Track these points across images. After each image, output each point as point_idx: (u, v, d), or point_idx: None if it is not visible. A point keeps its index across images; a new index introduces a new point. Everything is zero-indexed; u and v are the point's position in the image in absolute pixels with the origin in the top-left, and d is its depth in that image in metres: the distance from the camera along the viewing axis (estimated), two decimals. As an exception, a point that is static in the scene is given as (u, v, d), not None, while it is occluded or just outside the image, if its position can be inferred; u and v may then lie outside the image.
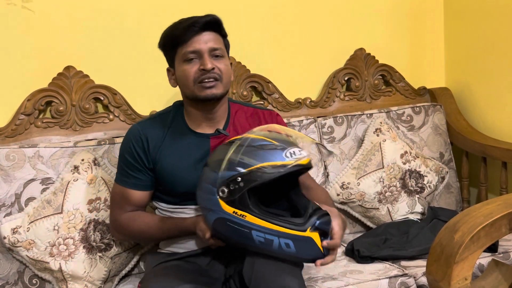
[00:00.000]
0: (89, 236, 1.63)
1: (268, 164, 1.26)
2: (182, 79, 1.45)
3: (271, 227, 1.26)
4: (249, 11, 2.07)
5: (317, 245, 1.28)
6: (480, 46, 2.15)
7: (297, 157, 1.28)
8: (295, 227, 1.26)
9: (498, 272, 1.26)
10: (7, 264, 1.64)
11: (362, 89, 2.18)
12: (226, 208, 1.28)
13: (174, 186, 1.48)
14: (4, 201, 1.64)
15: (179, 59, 1.44)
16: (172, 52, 1.46)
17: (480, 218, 1.11)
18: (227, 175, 1.28)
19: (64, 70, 1.82)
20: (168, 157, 1.48)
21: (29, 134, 1.77)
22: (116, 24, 1.89)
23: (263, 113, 1.59)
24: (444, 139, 2.17)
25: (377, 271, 1.62)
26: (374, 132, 2.03)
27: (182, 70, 1.44)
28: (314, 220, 1.28)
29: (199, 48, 1.42)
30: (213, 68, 1.42)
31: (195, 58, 1.42)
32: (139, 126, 1.52)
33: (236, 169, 1.28)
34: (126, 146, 1.51)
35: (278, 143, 1.30)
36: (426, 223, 1.91)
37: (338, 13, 2.17)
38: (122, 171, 1.52)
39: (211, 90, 1.43)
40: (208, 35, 1.44)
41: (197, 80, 1.42)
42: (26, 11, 1.79)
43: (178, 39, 1.43)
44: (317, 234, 1.28)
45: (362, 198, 1.95)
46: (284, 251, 1.27)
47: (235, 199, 1.27)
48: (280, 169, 1.26)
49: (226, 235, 1.33)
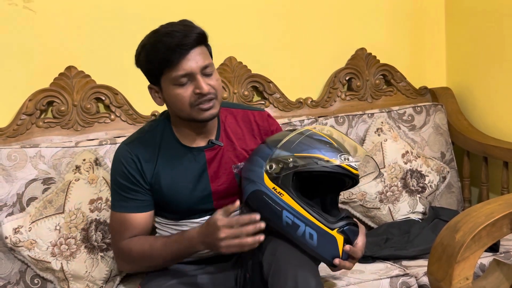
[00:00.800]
0: (90, 236, 1.63)
1: (321, 156, 1.31)
2: (176, 103, 1.35)
3: (303, 212, 1.30)
4: (250, 11, 2.07)
5: (339, 247, 1.31)
6: (482, 46, 2.15)
7: (349, 162, 1.32)
8: (325, 222, 1.30)
9: (499, 272, 1.26)
10: (9, 264, 1.64)
11: (363, 89, 2.18)
12: (268, 183, 1.32)
13: (175, 205, 1.43)
14: (6, 201, 1.64)
15: (168, 82, 1.34)
16: (157, 74, 1.35)
17: (481, 218, 1.11)
18: (281, 154, 1.33)
19: (66, 70, 1.82)
20: (165, 178, 1.41)
21: (30, 134, 1.77)
22: (118, 24, 1.89)
23: (253, 115, 1.52)
24: (445, 139, 2.17)
25: (378, 271, 1.62)
26: (375, 132, 2.03)
27: (174, 94, 1.34)
28: (344, 223, 1.32)
29: (190, 70, 1.32)
30: (209, 90, 1.34)
31: (188, 81, 1.33)
32: (127, 147, 1.42)
33: (292, 151, 1.32)
34: (118, 169, 1.42)
35: (336, 145, 1.35)
36: (427, 223, 1.91)
37: (339, 13, 2.17)
38: (118, 197, 1.42)
39: (210, 112, 1.36)
40: (196, 52, 1.32)
41: (194, 103, 1.34)
42: (28, 11, 1.79)
43: (164, 62, 1.31)
44: (342, 238, 1.31)
45: (363, 198, 1.95)
46: (306, 241, 1.30)
47: (279, 177, 1.31)
48: (330, 165, 1.30)
49: (258, 208, 1.34)
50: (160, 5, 1.94)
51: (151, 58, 1.34)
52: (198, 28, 1.35)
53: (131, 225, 1.42)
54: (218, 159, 1.44)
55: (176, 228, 1.47)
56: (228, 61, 2.01)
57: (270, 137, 1.43)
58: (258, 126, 1.51)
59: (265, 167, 1.34)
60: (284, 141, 1.35)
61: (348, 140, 1.42)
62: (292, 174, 1.31)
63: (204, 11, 1.99)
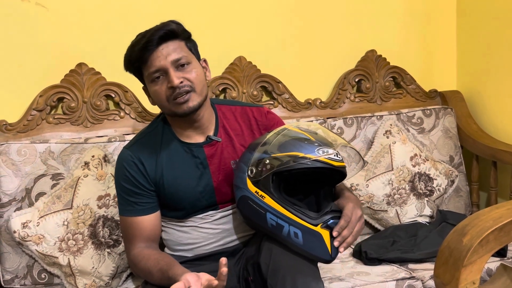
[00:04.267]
0: (98, 232, 1.64)
1: (297, 153, 1.29)
2: (156, 99, 1.40)
3: (285, 213, 1.29)
4: (260, 11, 2.07)
5: (326, 243, 1.29)
6: (492, 50, 2.14)
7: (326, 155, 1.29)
8: (308, 219, 1.29)
9: (506, 277, 1.25)
10: (16, 258, 1.65)
11: (372, 91, 2.18)
12: (251, 187, 1.33)
13: (178, 203, 1.44)
14: (15, 196, 1.65)
15: (147, 80, 1.39)
16: (139, 74, 1.41)
17: (489, 222, 1.10)
18: (259, 157, 1.34)
19: (76, 67, 1.83)
20: (168, 176, 1.43)
21: (40, 129, 1.79)
22: (129, 21, 1.90)
23: (252, 110, 1.53)
24: (454, 143, 2.16)
25: (384, 273, 1.62)
26: (384, 134, 2.03)
27: (153, 91, 1.39)
28: (328, 218, 1.30)
29: (159, 65, 1.35)
30: (181, 81, 1.35)
31: (161, 76, 1.36)
32: (129, 151, 1.44)
33: (268, 152, 1.33)
34: (121, 174, 1.43)
35: (314, 139, 1.33)
36: (435, 226, 1.90)
37: (349, 15, 2.17)
38: (124, 201, 1.43)
39: (187, 105, 1.36)
40: (167, 47, 1.35)
41: (170, 98, 1.36)
42: (40, 8, 1.81)
43: (138, 62, 1.37)
44: (327, 233, 1.29)
45: (370, 200, 1.95)
46: (292, 240, 1.29)
47: (259, 180, 1.32)
48: (307, 161, 1.28)
49: (245, 213, 1.38)
50: (171, 3, 1.95)
51: (130, 60, 1.39)
52: (172, 25, 1.37)
53: (138, 228, 1.42)
54: (218, 155, 1.46)
55: (181, 226, 1.48)
56: (237, 61, 2.01)
57: (252, 141, 1.43)
58: (256, 121, 1.51)
59: (247, 172, 1.35)
60: (261, 144, 1.36)
61: (328, 133, 1.40)
62: (271, 175, 1.31)
63: (215, 11, 1.99)
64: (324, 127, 1.47)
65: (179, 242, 1.49)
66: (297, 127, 1.38)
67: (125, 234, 1.46)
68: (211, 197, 1.45)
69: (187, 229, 1.48)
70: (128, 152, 1.44)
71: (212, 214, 1.47)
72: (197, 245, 1.48)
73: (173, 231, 1.50)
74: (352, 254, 1.78)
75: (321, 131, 1.39)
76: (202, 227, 1.47)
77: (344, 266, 1.69)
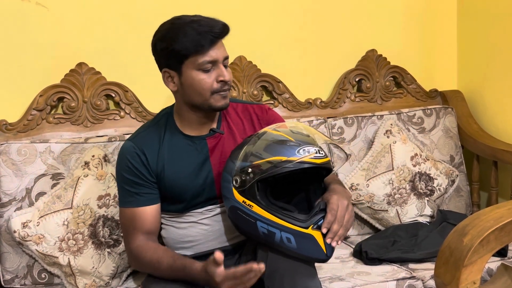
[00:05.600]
0: (98, 232, 1.64)
1: (278, 158, 1.28)
2: (195, 88, 1.39)
3: (275, 219, 1.28)
4: (261, 10, 2.07)
5: (319, 244, 1.28)
6: (493, 49, 2.14)
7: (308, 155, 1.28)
8: (298, 223, 1.28)
9: (507, 277, 1.25)
10: (16, 258, 1.65)
11: (373, 91, 2.18)
12: (238, 197, 1.31)
13: (178, 195, 1.45)
14: (15, 196, 1.65)
15: (191, 66, 1.38)
16: (181, 57, 1.38)
17: (490, 222, 1.10)
18: (241, 166, 1.32)
19: (77, 67, 1.83)
20: (169, 168, 1.44)
21: (41, 129, 1.79)
22: (129, 21, 1.90)
23: (253, 108, 1.56)
24: (455, 142, 2.16)
25: (384, 273, 1.62)
26: (385, 134, 2.02)
27: (198, 79, 1.38)
28: (318, 218, 1.29)
29: (216, 57, 1.38)
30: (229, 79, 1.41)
31: (211, 68, 1.38)
32: (131, 143, 1.46)
33: (249, 160, 1.31)
34: (123, 165, 1.45)
35: (294, 140, 1.31)
36: (435, 226, 1.90)
37: (350, 14, 2.16)
38: (125, 192, 1.45)
39: (226, 101, 1.42)
40: (220, 43, 1.40)
41: (215, 90, 1.39)
42: (40, 7, 1.81)
43: (194, 46, 1.35)
44: (319, 233, 1.28)
45: (371, 200, 1.95)
46: (286, 245, 1.28)
47: (245, 189, 1.30)
48: (289, 164, 1.27)
49: (236, 223, 1.37)
50: (172, 3, 1.94)
51: (180, 41, 1.36)
52: (223, 21, 1.40)
53: (140, 219, 1.44)
54: (220, 148, 1.47)
55: (181, 221, 1.48)
56: (238, 60, 2.01)
57: (233, 150, 1.41)
58: (257, 117, 1.54)
59: (232, 182, 1.34)
60: (242, 152, 1.34)
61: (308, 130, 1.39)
62: (256, 183, 1.29)
63: (215, 10, 1.98)
64: (304, 124, 1.46)
65: (179, 240, 1.50)
66: (275, 129, 1.36)
67: (125, 227, 1.47)
68: (211, 189, 1.46)
69: (187, 225, 1.48)
70: (131, 144, 1.46)
71: (211, 208, 1.47)
72: (197, 243, 1.48)
73: (173, 229, 1.51)
74: (353, 254, 1.78)
75: (301, 129, 1.38)
76: (201, 223, 1.48)
77: (344, 266, 1.69)
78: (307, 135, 1.35)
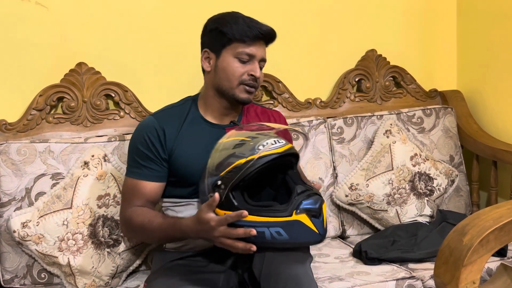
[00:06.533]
0: (97, 231, 1.64)
1: (240, 161, 1.28)
2: (227, 73, 1.48)
3: (259, 219, 1.27)
4: (260, 11, 2.06)
5: (308, 226, 1.28)
6: (493, 49, 2.14)
7: (268, 147, 1.28)
8: (280, 213, 1.27)
9: (506, 276, 1.25)
10: (16, 257, 1.65)
11: (372, 91, 2.18)
12: (220, 213, 1.30)
13: (187, 176, 1.47)
14: (15, 195, 1.65)
15: (231, 52, 1.47)
16: (225, 41, 1.47)
17: (489, 222, 1.10)
18: (210, 182, 1.32)
19: (76, 67, 1.83)
20: (183, 147, 1.48)
21: (40, 129, 1.79)
22: (129, 21, 1.90)
23: (271, 112, 1.66)
24: (454, 142, 2.16)
25: (384, 273, 1.62)
26: (384, 134, 2.02)
27: (232, 66, 1.47)
28: (298, 202, 1.28)
29: (255, 53, 1.47)
30: (260, 77, 1.49)
31: (248, 61, 1.47)
32: (154, 118, 1.51)
33: (215, 174, 1.31)
34: (140, 137, 1.50)
35: (250, 139, 1.31)
36: (435, 226, 1.90)
37: (349, 14, 2.16)
38: (134, 163, 1.50)
39: (249, 96, 1.49)
40: (263, 44, 1.51)
41: (243, 82, 1.47)
42: (40, 7, 1.81)
43: (240, 34, 1.45)
44: (304, 216, 1.27)
45: (370, 200, 1.95)
46: (278, 239, 1.27)
47: (223, 203, 1.29)
48: (252, 164, 1.27)
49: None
50: (171, 3, 1.94)
51: (229, 27, 1.46)
52: (274, 32, 1.52)
53: (140, 192, 1.48)
54: None
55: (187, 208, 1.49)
56: (237, 60, 2.01)
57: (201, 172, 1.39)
58: (275, 120, 1.63)
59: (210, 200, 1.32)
60: (207, 169, 1.33)
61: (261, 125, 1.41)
62: (229, 193, 1.28)
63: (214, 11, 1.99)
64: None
65: None
66: (228, 137, 1.36)
67: (125, 195, 1.52)
68: None
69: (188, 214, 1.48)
70: (152, 118, 1.52)
71: None
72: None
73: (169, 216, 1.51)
74: (352, 254, 1.78)
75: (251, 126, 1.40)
76: None
77: (344, 265, 1.69)
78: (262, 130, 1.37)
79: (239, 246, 1.28)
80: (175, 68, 1.96)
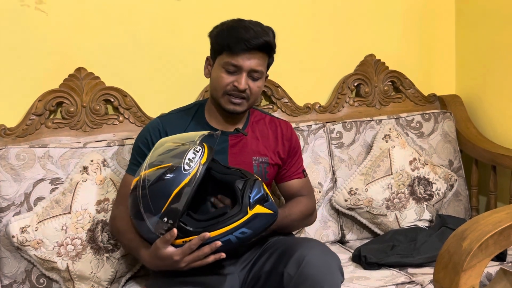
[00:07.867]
0: (96, 236, 1.64)
1: (176, 190, 1.26)
2: (214, 82, 1.50)
3: (220, 232, 1.28)
4: (259, 15, 2.06)
5: (265, 212, 1.31)
6: (491, 54, 2.14)
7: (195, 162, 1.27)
8: (237, 217, 1.29)
9: (506, 281, 1.25)
10: (15, 263, 1.65)
11: (371, 95, 2.18)
12: (178, 243, 1.29)
13: None
14: (14, 200, 1.65)
15: (220, 62, 1.48)
16: (218, 50, 1.49)
17: (488, 226, 1.10)
18: (154, 222, 1.29)
19: (76, 72, 1.83)
20: None
21: (39, 134, 1.79)
22: (128, 27, 1.90)
23: (279, 122, 1.66)
24: (453, 147, 2.16)
25: (383, 278, 1.61)
26: (383, 138, 2.03)
27: (218, 75, 1.48)
28: (247, 198, 1.30)
29: (241, 65, 1.46)
30: (245, 89, 1.47)
31: (234, 71, 1.47)
32: (159, 119, 1.56)
33: (155, 214, 1.28)
34: (142, 136, 1.55)
35: (172, 163, 1.28)
36: (434, 230, 1.90)
37: (348, 19, 2.17)
38: (134, 160, 1.55)
39: (235, 107, 1.49)
40: (255, 55, 1.47)
41: (227, 92, 1.47)
42: (39, 12, 1.81)
43: (227, 46, 1.45)
44: (258, 207, 1.31)
45: (370, 204, 1.95)
46: (243, 237, 1.30)
47: (178, 235, 1.28)
48: (190, 183, 1.26)
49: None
50: (172, 8, 1.95)
51: (221, 36, 1.48)
52: (269, 37, 1.49)
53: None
54: (240, 147, 1.53)
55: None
56: (237, 65, 2.01)
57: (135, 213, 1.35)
58: (282, 131, 1.63)
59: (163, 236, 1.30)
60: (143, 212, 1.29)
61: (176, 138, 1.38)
62: (176, 223, 1.27)
63: (214, 14, 1.99)
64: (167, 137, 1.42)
65: None
66: (148, 167, 1.32)
67: (120, 192, 1.56)
68: None
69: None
70: (158, 120, 1.57)
71: None
72: None
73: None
74: (352, 259, 1.78)
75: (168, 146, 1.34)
76: None
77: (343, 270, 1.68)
78: (177, 146, 1.33)
79: (210, 261, 1.29)
80: (174, 73, 1.97)
